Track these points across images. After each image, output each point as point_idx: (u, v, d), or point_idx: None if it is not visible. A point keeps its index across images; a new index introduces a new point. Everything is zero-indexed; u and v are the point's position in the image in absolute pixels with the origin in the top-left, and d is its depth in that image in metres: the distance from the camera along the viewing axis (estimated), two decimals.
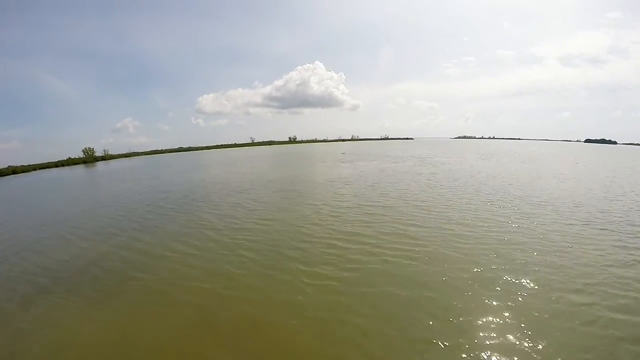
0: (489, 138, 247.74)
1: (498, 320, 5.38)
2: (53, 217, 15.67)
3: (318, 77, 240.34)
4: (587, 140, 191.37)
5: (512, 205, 13.11)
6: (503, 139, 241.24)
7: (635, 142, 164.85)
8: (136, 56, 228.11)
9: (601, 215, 11.77)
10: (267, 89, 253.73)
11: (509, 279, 6.78)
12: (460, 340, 4.91)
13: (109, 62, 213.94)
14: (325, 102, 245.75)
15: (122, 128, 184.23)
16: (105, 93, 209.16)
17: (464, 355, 4.59)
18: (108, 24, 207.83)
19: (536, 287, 6.45)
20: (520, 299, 6.01)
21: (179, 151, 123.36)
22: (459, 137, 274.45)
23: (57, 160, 77.24)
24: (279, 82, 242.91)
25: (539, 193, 15.69)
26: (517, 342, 4.83)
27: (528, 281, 6.66)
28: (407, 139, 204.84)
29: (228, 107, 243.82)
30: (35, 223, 14.76)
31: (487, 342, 4.86)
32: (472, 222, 10.85)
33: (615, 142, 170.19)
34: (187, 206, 15.81)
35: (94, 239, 11.48)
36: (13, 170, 59.72)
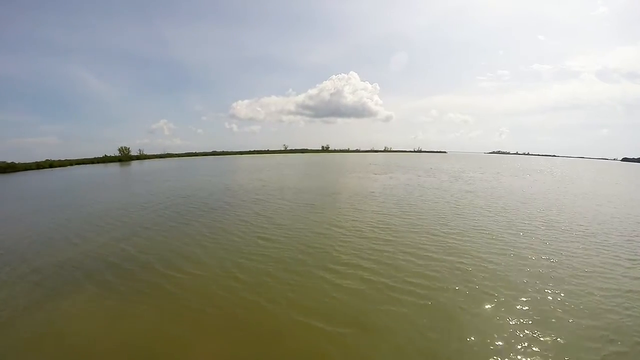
0: (524, 154, 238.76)
1: None
2: (68, 216, 15.77)
3: (352, 87, 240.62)
4: (624, 159, 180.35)
5: (550, 235, 11.33)
6: (538, 155, 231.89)
7: None
8: (175, 61, 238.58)
9: None
10: (301, 97, 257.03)
11: (541, 336, 5.38)
12: None
13: (148, 65, 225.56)
14: (359, 112, 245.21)
15: (158, 129, 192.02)
16: (142, 95, 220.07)
17: None
18: (150, 30, 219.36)
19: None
20: None
21: (213, 155, 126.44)
22: (493, 152, 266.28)
23: (93, 157, 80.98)
24: (312, 91, 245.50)
25: (578, 219, 13.79)
26: None
27: (569, 346, 5.20)
28: (440, 152, 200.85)
29: (261, 113, 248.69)
30: (50, 220, 14.91)
31: None
32: (505, 260, 9.03)
33: None
34: (200, 214, 15.30)
35: (96, 241, 11.26)
36: (50, 164, 63.41)
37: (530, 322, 5.83)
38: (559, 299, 6.68)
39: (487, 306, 6.44)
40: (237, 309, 6.44)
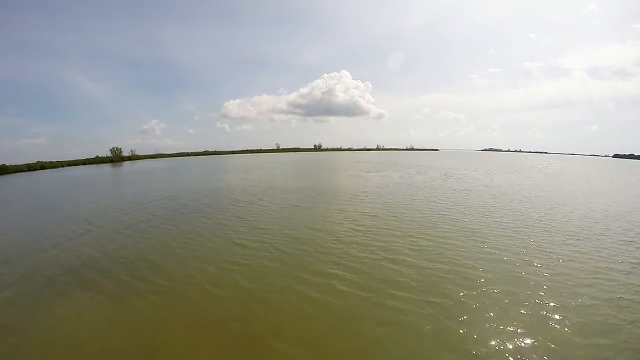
0: (516, 151, 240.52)
1: None
2: (47, 221, 15.38)
3: (344, 85, 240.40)
4: (615, 155, 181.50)
5: (545, 236, 10.75)
6: (530, 152, 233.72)
7: None
8: (166, 61, 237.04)
9: None
10: (292, 96, 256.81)
11: (539, 355, 4.86)
12: None
13: (140, 66, 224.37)
14: (351, 110, 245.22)
15: (149, 130, 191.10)
16: (134, 95, 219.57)
17: None
18: (141, 31, 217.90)
19: None
20: None
21: (205, 154, 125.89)
22: (485, 150, 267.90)
23: (85, 158, 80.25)
24: (304, 90, 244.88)
25: (573, 218, 13.19)
26: None
27: None
28: (432, 150, 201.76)
29: (253, 112, 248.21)
30: (28, 225, 14.67)
31: None
32: (498, 267, 8.47)
33: None
34: (181, 218, 14.73)
35: (70, 247, 10.78)
36: (42, 166, 62.94)
37: (526, 340, 5.27)
38: (558, 311, 6.14)
39: (479, 322, 5.80)
40: (199, 326, 5.95)
